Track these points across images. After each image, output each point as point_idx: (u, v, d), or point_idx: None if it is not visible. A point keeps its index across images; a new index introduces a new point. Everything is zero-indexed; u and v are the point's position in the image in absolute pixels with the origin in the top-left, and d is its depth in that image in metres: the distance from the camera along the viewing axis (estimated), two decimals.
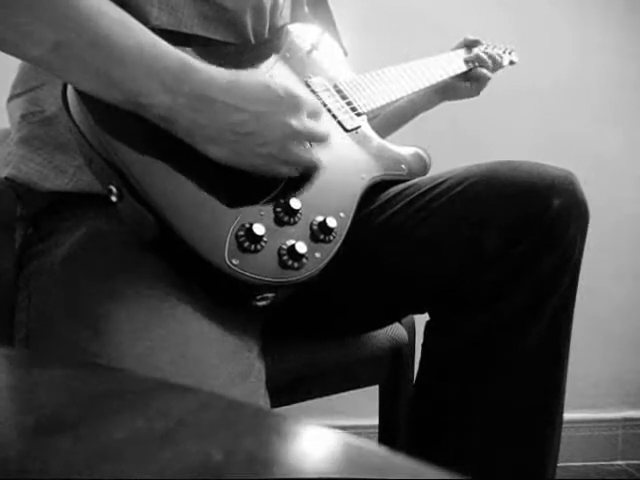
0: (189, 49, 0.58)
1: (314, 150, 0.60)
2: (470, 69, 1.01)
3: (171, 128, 0.52)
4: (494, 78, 1.04)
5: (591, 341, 1.49)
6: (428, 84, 0.91)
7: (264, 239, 0.52)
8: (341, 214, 0.61)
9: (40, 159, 0.60)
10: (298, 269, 0.54)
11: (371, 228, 0.68)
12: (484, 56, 1.01)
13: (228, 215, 0.53)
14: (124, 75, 0.50)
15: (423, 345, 0.72)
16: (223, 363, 0.49)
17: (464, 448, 0.65)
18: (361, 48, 0.94)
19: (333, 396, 0.81)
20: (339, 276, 0.59)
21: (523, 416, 0.64)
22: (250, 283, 0.51)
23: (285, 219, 0.56)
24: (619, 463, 1.58)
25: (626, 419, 1.60)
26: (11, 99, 0.65)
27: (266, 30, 0.70)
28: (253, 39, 0.68)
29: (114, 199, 0.51)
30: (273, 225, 0.55)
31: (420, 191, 0.67)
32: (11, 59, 0.56)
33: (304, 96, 0.57)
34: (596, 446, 1.58)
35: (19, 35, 0.50)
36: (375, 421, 0.88)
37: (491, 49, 1.06)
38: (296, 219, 0.56)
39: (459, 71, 0.98)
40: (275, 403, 0.55)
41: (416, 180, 0.71)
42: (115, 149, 0.50)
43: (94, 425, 0.22)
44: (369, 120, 0.77)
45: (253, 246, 0.52)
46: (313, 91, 0.70)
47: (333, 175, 0.63)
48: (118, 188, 0.50)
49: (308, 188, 0.60)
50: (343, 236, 0.59)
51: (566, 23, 1.57)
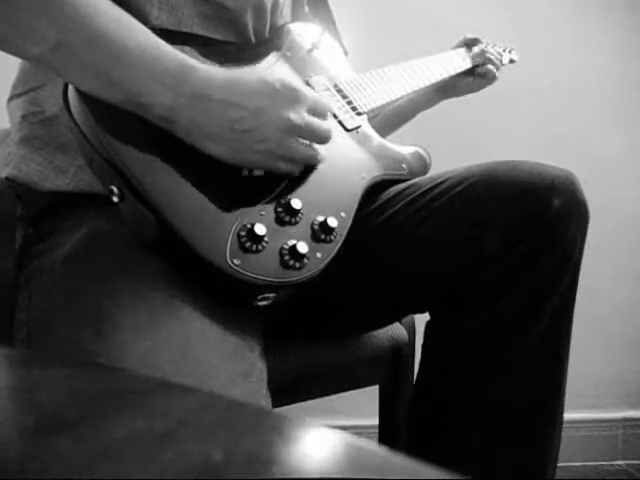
0: (189, 48, 0.58)
1: (316, 146, 0.60)
2: (476, 65, 1.01)
3: (171, 128, 0.53)
4: None
5: (591, 341, 1.49)
6: (428, 83, 0.90)
7: (265, 239, 0.52)
8: (342, 214, 0.61)
9: (41, 159, 0.60)
10: (299, 269, 0.54)
11: (371, 228, 0.68)
12: (491, 55, 1.02)
13: (229, 215, 0.53)
14: (124, 75, 0.50)
15: (423, 345, 0.72)
16: (224, 363, 0.49)
17: (464, 448, 0.65)
18: (361, 47, 0.94)
19: (333, 396, 0.81)
20: (339, 276, 0.59)
21: (523, 416, 0.64)
22: (251, 283, 0.51)
23: (286, 219, 0.55)
24: (619, 463, 1.58)
25: (626, 419, 1.60)
26: (11, 99, 0.65)
27: (267, 29, 0.70)
28: (254, 38, 0.68)
29: (115, 199, 0.51)
30: (274, 225, 0.55)
31: (420, 191, 0.67)
32: (11, 59, 0.56)
33: (304, 89, 0.57)
34: (596, 446, 1.58)
35: (19, 34, 0.50)
36: (375, 421, 0.88)
37: (491, 47, 1.06)
38: (297, 219, 0.56)
39: (459, 70, 0.98)
40: (276, 403, 0.55)
41: (416, 180, 0.71)
42: (116, 149, 0.50)
43: (94, 425, 0.22)
44: (369, 119, 0.77)
45: (254, 246, 0.52)
46: (314, 90, 0.70)
47: (334, 175, 0.63)
48: (119, 188, 0.50)
49: (309, 188, 0.60)
50: (344, 236, 0.59)
51: (566, 23, 1.57)
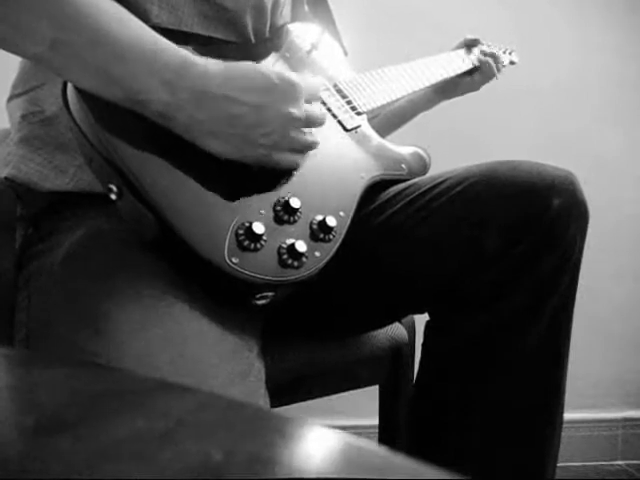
0: (189, 47, 0.58)
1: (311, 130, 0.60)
2: (476, 66, 1.01)
3: (170, 125, 0.52)
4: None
5: (591, 341, 1.49)
6: (428, 84, 0.90)
7: (264, 238, 0.52)
8: (341, 213, 0.61)
9: (40, 159, 0.60)
10: (298, 268, 0.54)
11: (371, 228, 0.67)
12: (490, 55, 1.02)
13: (228, 214, 0.53)
14: (124, 72, 0.50)
15: (423, 345, 0.72)
16: (223, 362, 0.49)
17: (464, 448, 0.65)
18: (361, 47, 0.94)
19: (333, 396, 0.81)
20: (339, 276, 0.59)
21: (523, 416, 0.64)
22: (250, 282, 0.51)
23: (285, 218, 0.55)
24: (619, 463, 1.58)
25: (626, 419, 1.60)
26: (11, 99, 0.65)
27: (267, 29, 0.70)
28: (253, 38, 0.68)
29: (114, 197, 0.51)
30: (273, 224, 0.55)
31: (420, 191, 0.67)
32: (11, 59, 0.56)
33: (299, 80, 0.56)
34: (596, 446, 1.58)
35: (19, 33, 0.50)
36: (375, 421, 0.88)
37: (491, 48, 1.06)
38: (296, 218, 0.56)
39: (459, 71, 0.98)
40: (275, 403, 0.55)
41: (416, 180, 0.71)
42: (115, 147, 0.50)
43: (94, 425, 0.22)
44: (369, 120, 0.77)
45: (253, 245, 0.52)
46: None
47: (333, 174, 0.63)
48: (118, 187, 0.50)
49: (308, 187, 0.60)
50: (343, 235, 0.59)
51: (566, 23, 1.57)
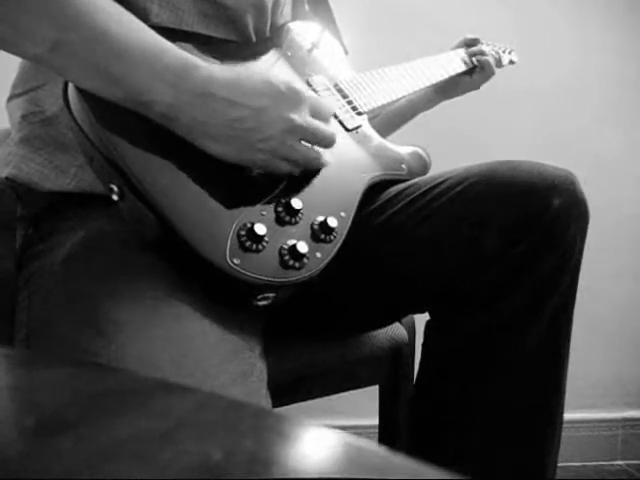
0: (189, 45, 0.58)
1: (320, 150, 0.59)
2: (476, 66, 1.01)
3: (171, 125, 0.52)
4: (494, 78, 1.04)
5: (591, 341, 1.49)
6: (429, 83, 0.91)
7: (265, 239, 0.52)
8: (342, 214, 0.61)
9: (41, 159, 0.60)
10: (299, 269, 0.54)
11: (371, 228, 0.68)
12: (490, 54, 1.02)
13: (229, 214, 0.53)
14: (125, 72, 0.50)
15: (423, 345, 0.72)
16: (224, 363, 0.49)
17: (464, 448, 0.65)
18: (361, 47, 0.94)
19: (333, 396, 0.81)
20: (339, 276, 0.59)
21: (523, 416, 0.64)
22: (251, 283, 0.51)
23: (286, 219, 0.55)
24: (619, 463, 1.58)
25: (626, 419, 1.60)
26: (11, 99, 0.65)
27: (267, 28, 0.70)
28: (254, 37, 0.68)
29: (115, 198, 0.51)
30: (274, 225, 0.55)
31: (420, 191, 0.67)
32: (11, 59, 0.56)
33: (307, 92, 0.57)
34: (596, 446, 1.58)
35: (19, 34, 0.50)
36: (375, 421, 0.88)
37: (490, 48, 1.06)
38: (297, 219, 0.56)
39: (459, 70, 0.98)
40: (275, 403, 0.55)
41: (416, 180, 0.71)
42: (116, 147, 0.50)
43: (94, 425, 0.22)
44: (369, 119, 0.77)
45: (254, 246, 0.52)
46: (314, 90, 0.70)
47: (334, 174, 0.63)
48: (119, 187, 0.50)
49: (309, 188, 0.60)
50: (344, 236, 0.59)
51: (566, 23, 1.57)
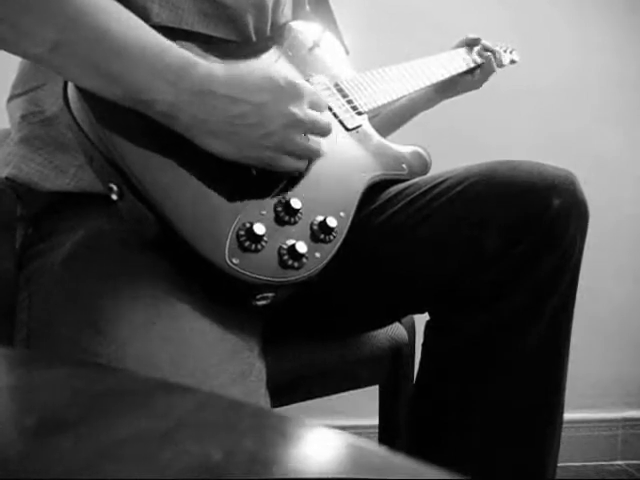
0: (189, 44, 0.58)
1: (318, 140, 0.60)
2: (477, 66, 1.01)
3: (172, 124, 0.52)
4: (494, 78, 1.05)
5: (591, 341, 1.49)
6: (429, 83, 0.90)
7: (264, 239, 0.52)
8: (341, 214, 0.61)
9: (41, 159, 0.60)
10: (298, 269, 0.54)
11: (371, 228, 0.67)
12: (490, 54, 1.02)
13: (229, 214, 0.53)
14: (124, 71, 0.50)
15: (423, 345, 0.72)
16: (223, 362, 0.49)
17: (464, 448, 0.65)
18: (362, 47, 0.94)
19: (333, 396, 0.81)
20: (339, 276, 0.59)
21: (523, 416, 0.64)
22: (250, 282, 0.51)
23: (286, 219, 0.55)
24: (619, 463, 1.58)
25: (626, 419, 1.60)
26: (11, 99, 0.65)
27: (268, 28, 0.70)
28: (254, 37, 0.68)
29: (115, 197, 0.51)
30: (274, 225, 0.55)
31: (420, 191, 0.67)
32: (11, 59, 0.56)
33: (305, 85, 0.57)
34: (596, 446, 1.58)
35: (19, 34, 0.50)
36: (375, 421, 0.88)
37: (491, 47, 1.06)
38: (296, 219, 0.56)
39: (460, 70, 0.98)
40: (275, 403, 0.55)
41: (416, 180, 0.71)
42: (115, 146, 0.50)
43: (95, 425, 0.22)
44: (370, 119, 0.77)
45: (254, 245, 0.52)
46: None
47: (334, 174, 0.63)
48: (119, 186, 0.50)
49: (309, 187, 0.60)
50: (343, 236, 0.59)
51: (566, 23, 1.57)
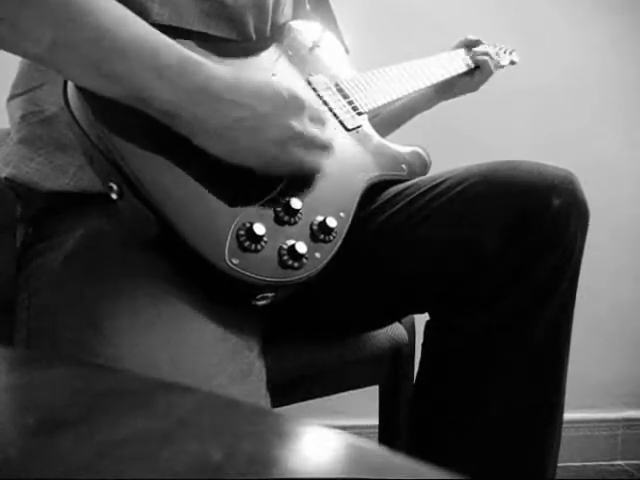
0: (191, 42, 0.57)
1: (317, 154, 0.60)
2: (477, 66, 1.01)
3: (172, 123, 0.52)
4: (494, 78, 1.05)
5: (591, 341, 1.49)
6: (429, 83, 0.91)
7: (264, 239, 0.52)
8: (341, 214, 0.61)
9: (40, 159, 0.60)
10: (298, 269, 0.54)
11: (371, 228, 0.68)
12: (490, 54, 1.02)
13: (229, 214, 0.53)
14: (125, 70, 0.50)
15: (423, 345, 0.72)
16: (223, 362, 0.49)
17: (464, 448, 0.65)
18: (362, 47, 0.94)
19: (333, 396, 0.81)
20: (339, 276, 0.59)
21: (523, 416, 0.64)
22: (250, 283, 0.51)
23: (285, 219, 0.55)
24: (619, 463, 1.58)
25: (626, 419, 1.60)
26: (11, 99, 0.65)
27: (268, 27, 0.70)
28: (255, 36, 0.68)
29: (114, 197, 0.50)
30: (273, 225, 0.55)
31: (420, 191, 0.67)
32: (11, 59, 0.56)
33: (308, 99, 0.57)
34: (596, 446, 1.58)
35: (18, 34, 0.50)
36: (375, 421, 0.88)
37: (491, 48, 1.06)
38: (296, 219, 0.56)
39: (460, 70, 0.99)
40: (275, 403, 0.55)
41: (416, 180, 0.71)
42: (115, 145, 0.50)
43: (94, 425, 0.22)
44: (370, 119, 0.77)
45: (253, 246, 0.52)
46: (314, 89, 0.70)
47: (334, 175, 0.63)
48: (118, 185, 0.50)
49: (309, 188, 0.60)
50: (343, 236, 0.59)
51: (566, 23, 1.57)
